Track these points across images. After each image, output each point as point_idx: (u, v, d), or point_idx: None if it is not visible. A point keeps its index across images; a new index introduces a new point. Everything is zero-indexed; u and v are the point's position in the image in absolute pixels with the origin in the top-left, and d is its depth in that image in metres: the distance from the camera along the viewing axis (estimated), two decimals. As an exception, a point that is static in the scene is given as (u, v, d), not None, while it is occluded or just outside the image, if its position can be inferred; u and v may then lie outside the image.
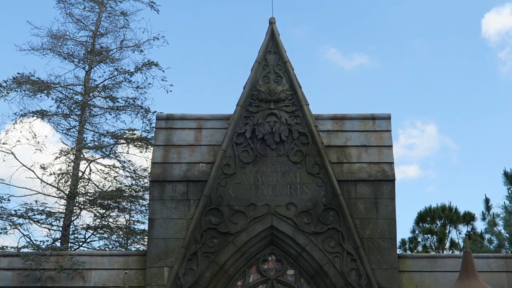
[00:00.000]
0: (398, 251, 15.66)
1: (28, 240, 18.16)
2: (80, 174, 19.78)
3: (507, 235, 17.61)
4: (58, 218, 19.30)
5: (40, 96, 20.01)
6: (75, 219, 19.77)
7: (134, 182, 20.27)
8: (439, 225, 35.42)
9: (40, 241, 18.15)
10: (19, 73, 19.89)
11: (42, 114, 20.04)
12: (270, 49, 16.23)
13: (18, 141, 19.42)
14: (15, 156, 19.48)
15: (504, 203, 19.70)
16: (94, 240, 20.40)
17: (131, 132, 20.66)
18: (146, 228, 16.43)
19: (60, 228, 19.24)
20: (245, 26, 64.33)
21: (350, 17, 64.09)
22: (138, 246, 20.20)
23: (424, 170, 55.52)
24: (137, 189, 20.19)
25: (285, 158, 15.58)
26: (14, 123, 19.77)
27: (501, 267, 15.62)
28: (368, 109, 17.15)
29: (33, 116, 19.98)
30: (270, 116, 15.74)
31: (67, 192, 19.44)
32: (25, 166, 19.33)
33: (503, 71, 58.54)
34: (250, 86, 15.98)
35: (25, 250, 16.73)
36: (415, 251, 32.91)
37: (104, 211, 20.07)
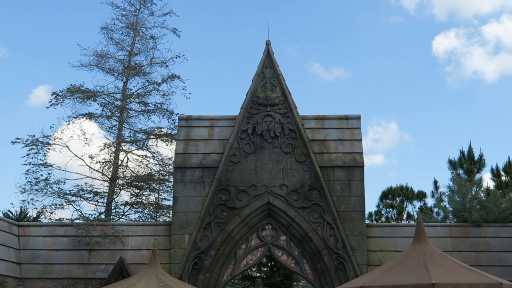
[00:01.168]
0: (366, 221, 15.68)
1: (80, 213, 18.20)
2: (119, 162, 19.81)
3: (451, 209, 17.57)
4: (103, 196, 19.30)
5: (89, 102, 20.05)
6: (116, 197, 19.81)
7: (161, 168, 20.28)
8: (398, 201, 35.31)
9: (89, 214, 18.20)
10: (71, 85, 19.87)
11: (90, 116, 20.05)
12: (266, 65, 16.24)
13: (71, 137, 19.42)
14: (69, 149, 19.49)
15: (449, 184, 19.65)
16: (131, 213, 20.45)
17: (159, 129, 20.66)
18: (171, 204, 16.45)
19: (104, 204, 19.25)
20: (248, 46, 64.31)
21: (330, 39, 63.91)
22: (164, 218, 20.23)
23: (387, 158, 55.48)
24: (163, 174, 20.20)
25: (278, 149, 15.61)
26: (68, 123, 19.78)
27: (446, 234, 15.68)
28: (343, 111, 17.18)
29: (82, 118, 19.99)
30: (267, 117, 15.77)
31: (109, 176, 19.44)
32: (77, 156, 19.32)
33: (449, 81, 58.34)
34: (251, 94, 15.99)
35: (77, 221, 16.73)
36: (380, 221, 32.85)
37: (138, 191, 20.08)
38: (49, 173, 18.79)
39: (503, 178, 32.37)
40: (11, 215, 23.72)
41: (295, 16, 64.76)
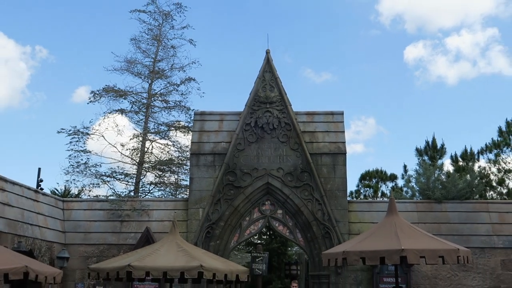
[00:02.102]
0: (348, 198, 15.66)
1: (113, 191, 18.22)
2: (145, 149, 19.84)
3: (417, 188, 17.60)
4: (132, 177, 19.35)
5: (120, 100, 20.08)
6: (143, 178, 19.83)
7: (180, 154, 20.29)
8: (374, 182, 35.37)
9: (120, 192, 18.21)
10: (106, 85, 19.89)
11: (121, 111, 20.07)
12: (266, 70, 16.20)
13: (106, 128, 19.44)
14: (104, 138, 19.53)
15: (416, 168, 19.75)
16: (155, 191, 20.49)
17: (178, 122, 20.68)
18: (188, 184, 16.47)
19: (133, 184, 19.29)
20: (251, 54, 64.27)
21: (320, 49, 63.73)
22: (182, 195, 20.23)
23: (366, 147, 55.46)
24: (182, 159, 20.20)
25: (276, 139, 15.60)
26: (104, 118, 19.81)
27: (413, 208, 15.74)
28: (329, 108, 17.10)
29: (115, 113, 20.02)
30: (267, 112, 15.74)
31: (137, 161, 19.48)
32: (111, 144, 19.33)
33: (417, 84, 58.13)
34: (253, 93, 15.96)
35: (111, 197, 16.78)
36: (359, 198, 32.90)
37: (161, 173, 20.09)
38: (88, 158, 18.90)
39: (460, 163, 32.43)
40: (57, 192, 23.80)
41: (291, 30, 64.91)
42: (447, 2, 60.91)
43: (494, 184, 31.95)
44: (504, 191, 31.85)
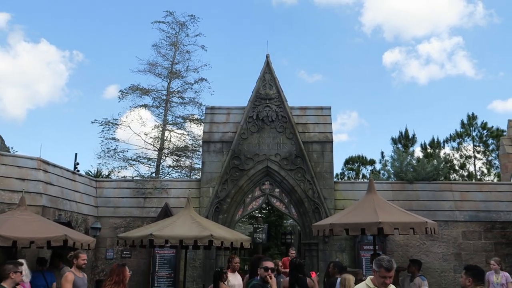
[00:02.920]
0: (334, 179, 15.65)
1: (138, 172, 18.24)
2: (165, 138, 19.80)
3: (392, 171, 17.58)
4: (153, 161, 19.31)
5: (144, 97, 19.99)
6: (162, 162, 19.80)
7: (193, 142, 20.17)
8: (356, 166, 35.49)
9: (144, 173, 18.25)
10: (132, 84, 19.81)
11: (144, 106, 19.98)
12: (266, 71, 16.13)
13: (132, 120, 19.42)
14: (130, 128, 19.45)
15: (391, 154, 19.84)
16: (173, 173, 20.39)
17: (192, 116, 20.63)
18: (200, 167, 16.46)
19: (154, 167, 19.29)
20: (254, 58, 64.44)
21: (312, 54, 63.63)
22: (196, 176, 20.19)
23: (350, 136, 55.37)
24: (195, 146, 20.10)
25: (274, 130, 15.56)
26: (130, 111, 19.75)
27: (389, 188, 15.73)
28: (319, 103, 17.11)
29: (140, 107, 19.96)
30: (266, 107, 15.70)
31: (158, 147, 19.46)
32: (136, 133, 19.30)
33: (394, 84, 58.08)
34: (255, 91, 15.90)
35: (136, 178, 16.81)
36: (343, 179, 32.96)
37: (178, 157, 20.07)
38: (116, 145, 18.82)
39: (429, 150, 32.53)
40: (90, 173, 23.81)
41: (289, 38, 64.85)
42: (419, 14, 60.69)
43: (457, 168, 32.06)
44: (465, 173, 31.95)
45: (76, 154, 20.93)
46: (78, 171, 16.41)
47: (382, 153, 33.20)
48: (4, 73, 58.02)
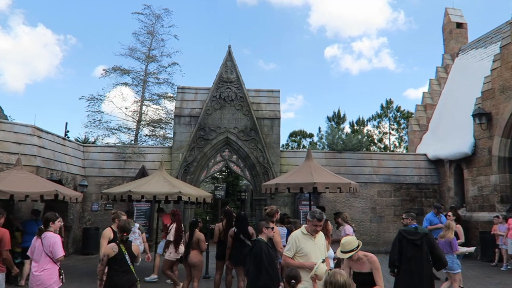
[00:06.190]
0: (280, 149, 15.82)
1: (119, 140, 17.79)
2: (142, 111, 19.31)
3: (326, 143, 17.93)
4: (133, 130, 18.83)
5: (125, 76, 19.30)
6: (141, 131, 19.34)
7: (167, 116, 19.74)
8: (298, 138, 35.87)
9: (125, 141, 17.80)
10: (115, 65, 19.13)
11: (125, 84, 19.36)
12: (228, 59, 15.88)
13: (115, 96, 18.91)
14: (113, 103, 18.87)
15: (326, 129, 20.21)
16: (149, 141, 19.94)
17: (166, 93, 20.11)
18: (172, 136, 16.22)
19: (134, 135, 18.83)
20: (219, 46, 63.07)
21: (269, 46, 63.23)
22: (168, 144, 19.85)
23: (296, 115, 55.70)
24: (168, 119, 19.71)
25: (233, 107, 15.47)
26: (113, 88, 19.13)
27: (323, 156, 15.97)
28: (272, 87, 16.89)
29: (121, 85, 19.31)
30: (227, 89, 15.54)
31: (137, 119, 18.97)
32: (118, 107, 18.96)
33: (332, 74, 58.58)
34: (219, 75, 15.67)
35: (118, 144, 16.37)
36: (288, 148, 33.36)
37: (153, 128, 19.63)
38: (101, 116, 18.33)
39: (355, 127, 33.31)
40: (79, 140, 22.94)
41: (251, 31, 63.90)
42: (355, 18, 61.34)
43: (376, 141, 33.10)
44: (382, 146, 33.06)
45: (66, 123, 20.22)
46: (68, 137, 15.80)
47: (319, 128, 34.03)
48: (5, 51, 55.77)
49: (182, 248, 8.16)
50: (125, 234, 5.04)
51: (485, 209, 13.19)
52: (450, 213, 10.16)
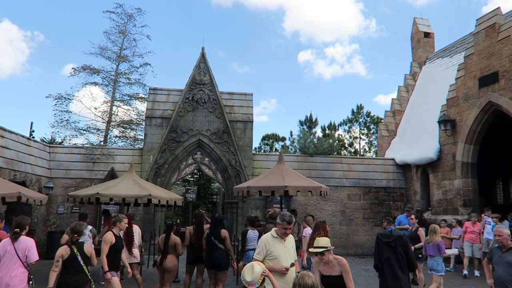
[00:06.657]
0: (253, 152, 15.83)
1: (88, 140, 17.29)
2: (113, 112, 18.86)
3: (298, 147, 18.07)
4: (102, 131, 18.37)
5: (95, 76, 18.82)
6: (110, 132, 18.87)
7: (137, 117, 19.37)
8: (271, 141, 36.01)
9: (94, 142, 17.34)
10: (85, 64, 18.64)
11: (95, 84, 18.87)
12: (201, 61, 15.78)
13: (84, 96, 18.36)
14: (82, 103, 18.30)
15: (298, 133, 20.37)
16: (119, 142, 19.45)
17: (137, 94, 19.73)
18: (143, 138, 15.94)
19: (103, 136, 18.37)
20: (192, 48, 62.70)
21: (244, 49, 63.33)
22: (139, 145, 19.49)
23: (269, 118, 55.98)
24: (139, 120, 19.33)
25: (206, 110, 15.37)
26: (82, 87, 18.64)
27: (295, 160, 16.15)
28: (245, 90, 17.02)
29: (91, 85, 18.81)
30: (200, 91, 15.42)
31: (106, 120, 18.51)
32: (87, 107, 18.37)
33: (305, 78, 59.43)
34: (192, 77, 15.54)
35: (86, 145, 15.92)
36: (260, 152, 33.42)
37: (124, 129, 19.22)
38: (69, 116, 17.76)
39: (327, 131, 33.78)
40: (45, 140, 22.22)
41: (226, 34, 63.83)
42: (328, 24, 62.46)
43: (347, 145, 33.68)
44: (352, 150, 33.68)
45: (32, 123, 19.57)
46: (33, 137, 15.27)
47: (291, 132, 34.21)
48: (-34, 47, 52.88)
49: (136, 251, 8.18)
50: (76, 235, 5.15)
51: (449, 212, 13.62)
52: (413, 216, 10.44)
